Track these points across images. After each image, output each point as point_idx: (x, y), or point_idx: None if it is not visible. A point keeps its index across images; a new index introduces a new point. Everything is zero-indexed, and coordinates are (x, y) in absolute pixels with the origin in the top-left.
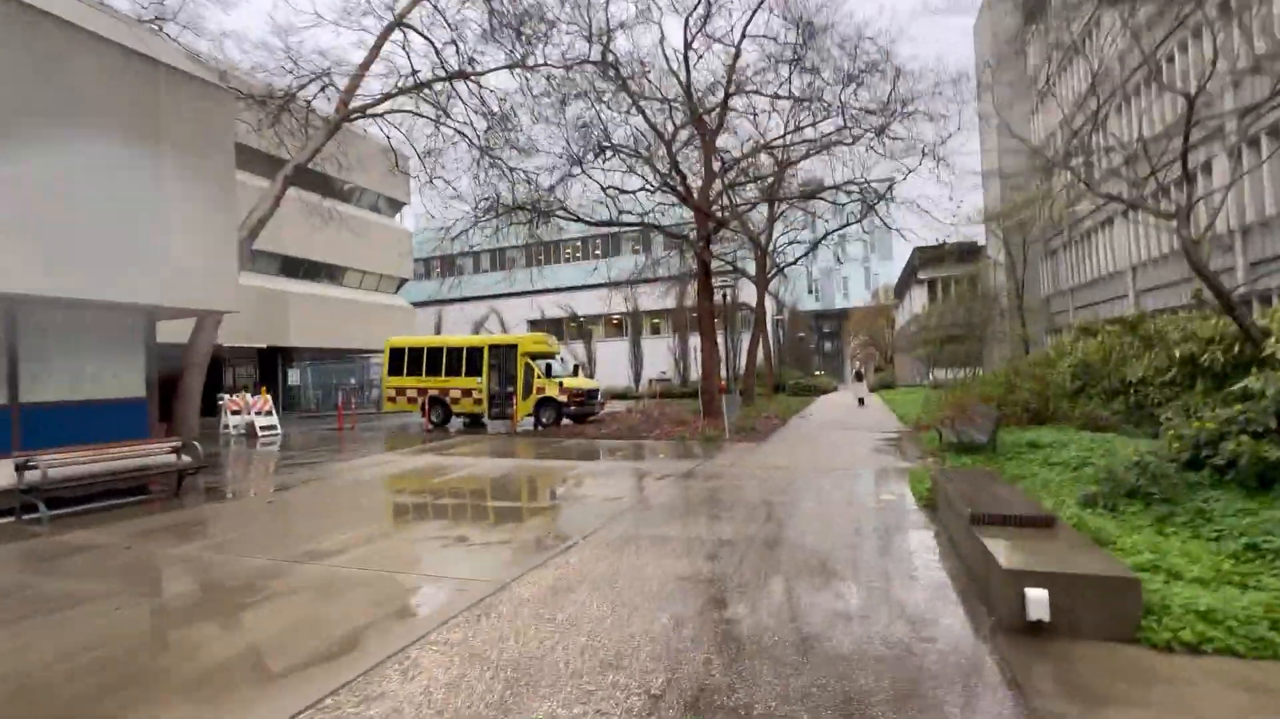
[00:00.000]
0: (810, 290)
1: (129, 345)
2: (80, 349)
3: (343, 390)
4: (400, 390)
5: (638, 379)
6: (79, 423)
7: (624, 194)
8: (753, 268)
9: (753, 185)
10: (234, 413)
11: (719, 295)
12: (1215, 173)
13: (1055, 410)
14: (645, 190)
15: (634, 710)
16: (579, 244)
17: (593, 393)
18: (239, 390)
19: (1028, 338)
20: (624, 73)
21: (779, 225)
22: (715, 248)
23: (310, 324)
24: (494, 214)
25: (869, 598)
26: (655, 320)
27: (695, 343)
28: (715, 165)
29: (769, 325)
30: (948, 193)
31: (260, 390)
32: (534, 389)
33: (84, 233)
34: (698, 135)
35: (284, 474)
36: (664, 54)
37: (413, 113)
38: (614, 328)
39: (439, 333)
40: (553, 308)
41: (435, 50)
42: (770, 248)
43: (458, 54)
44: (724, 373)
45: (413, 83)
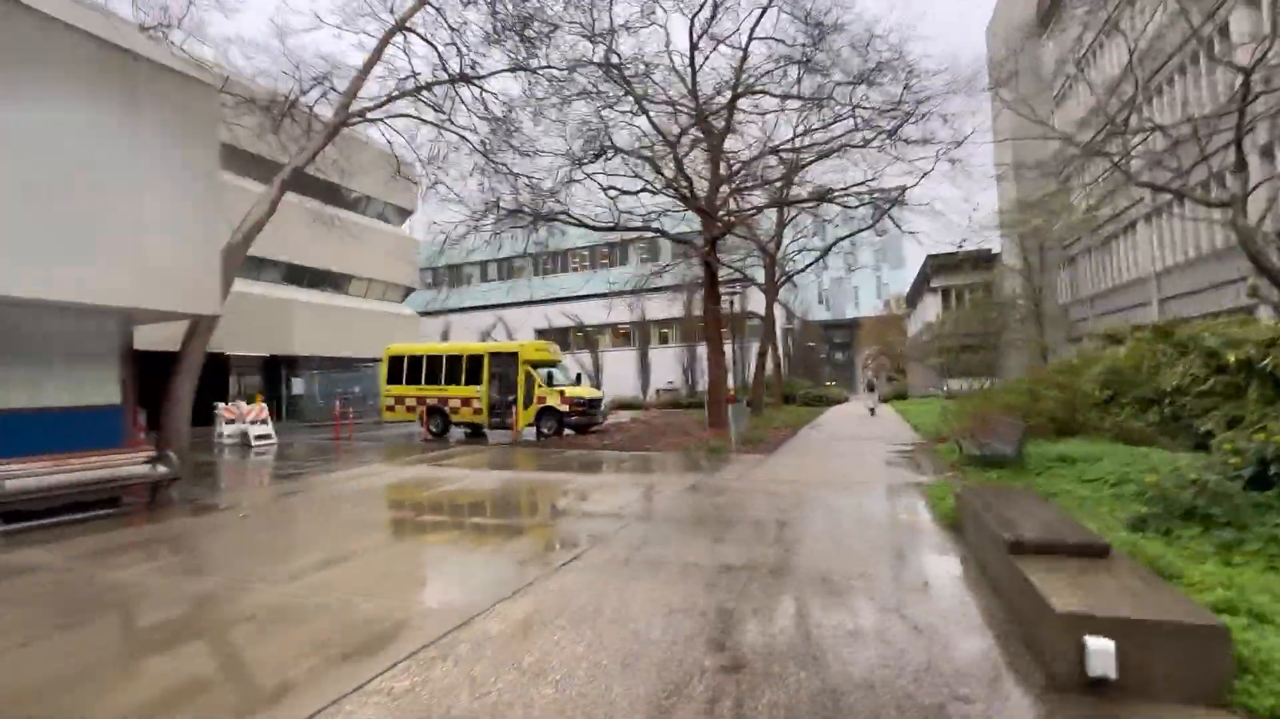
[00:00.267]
0: (821, 300)
1: (103, 350)
2: (49, 353)
3: (340, 399)
4: (399, 399)
5: (645, 389)
6: (47, 431)
7: (625, 195)
8: (761, 276)
9: (761, 190)
10: (229, 421)
11: (726, 303)
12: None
13: (1083, 422)
14: (648, 191)
15: None
16: (586, 253)
17: (596, 402)
18: (242, 399)
19: (1046, 347)
20: (628, 73)
21: (788, 232)
22: (724, 255)
23: (315, 333)
24: (494, 218)
25: (891, 642)
26: (663, 330)
27: (703, 352)
28: (722, 169)
29: (778, 334)
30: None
31: (255, 398)
32: (535, 398)
33: (54, 231)
34: (704, 138)
35: (268, 486)
36: (669, 56)
37: (413, 117)
38: (621, 337)
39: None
40: (560, 317)
41: (437, 53)
42: (780, 255)
43: (459, 57)
44: (732, 383)
45: (413, 85)
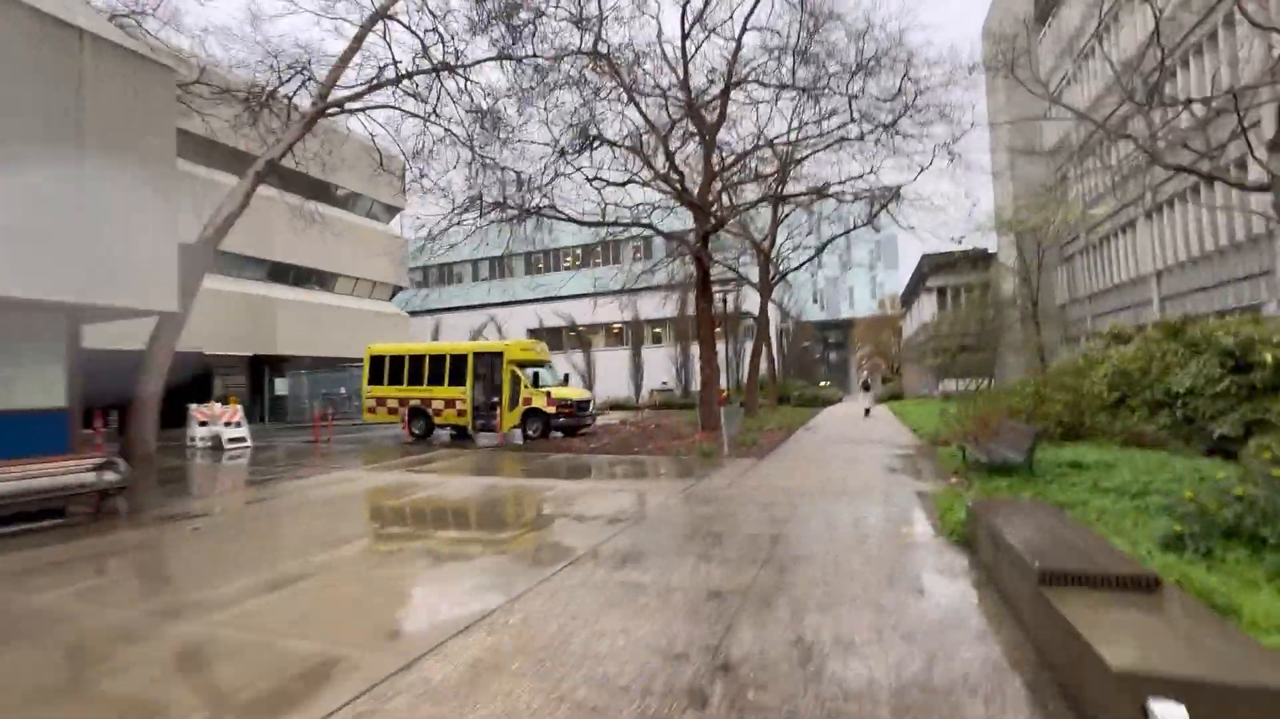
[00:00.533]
0: (815, 300)
1: (47, 349)
2: None
3: (320, 400)
4: (380, 401)
5: (638, 390)
6: None
7: (612, 185)
8: (755, 274)
9: (755, 184)
10: (202, 423)
11: (719, 301)
12: None
13: (1091, 425)
14: (635, 182)
15: None
16: (578, 252)
17: (584, 404)
18: (220, 400)
19: (1043, 347)
20: (617, 61)
21: (783, 230)
22: (717, 253)
23: (299, 332)
24: (478, 212)
25: (902, 693)
26: (656, 329)
27: (697, 352)
28: (715, 162)
29: (773, 334)
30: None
31: (229, 400)
32: (521, 400)
33: None
34: (696, 130)
35: (231, 494)
36: (661, 47)
37: (394, 108)
38: (614, 337)
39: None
40: (552, 316)
41: (420, 42)
42: (774, 254)
43: (442, 44)
44: (725, 383)
45: (394, 74)
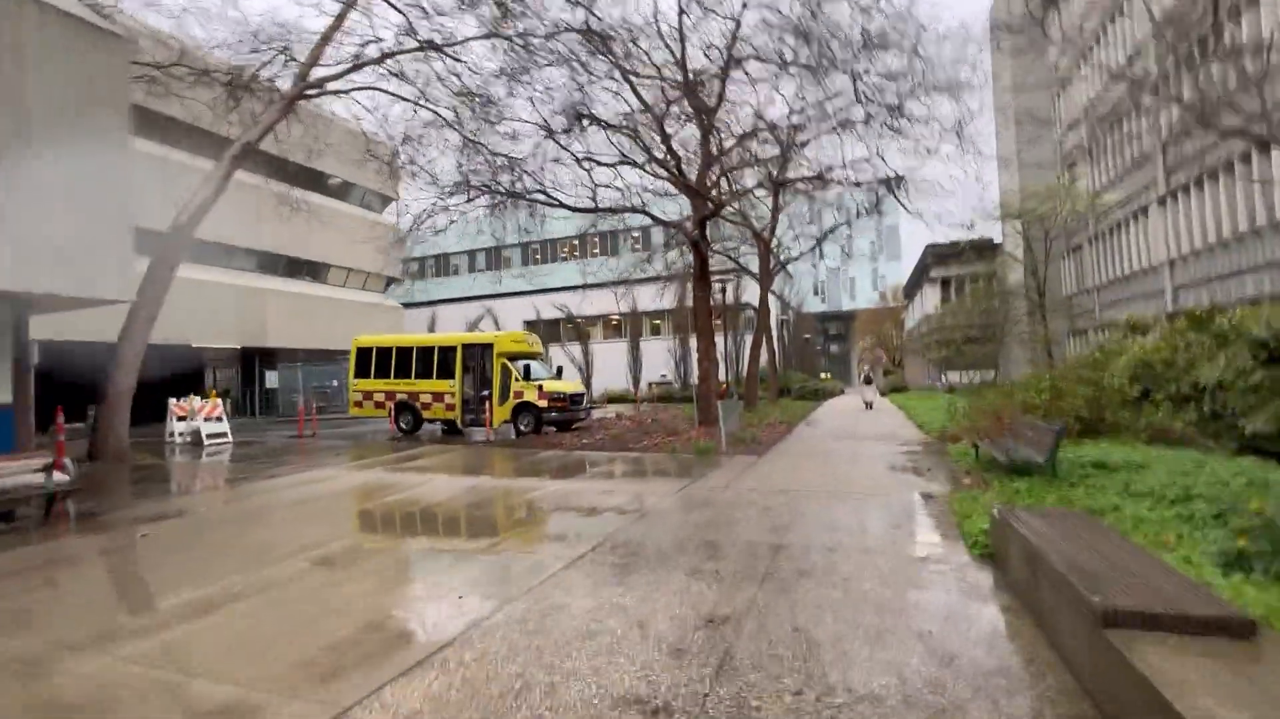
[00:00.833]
0: (816, 292)
1: None
2: None
3: (317, 393)
4: (367, 394)
5: (637, 382)
6: None
7: (602, 166)
8: (755, 265)
9: (755, 169)
10: (180, 419)
11: (718, 291)
12: None
13: (1113, 421)
14: (627, 163)
15: None
16: (576, 243)
17: (577, 397)
18: (211, 393)
19: (1049, 339)
20: (610, 38)
21: (783, 218)
22: (717, 243)
23: (290, 324)
24: (465, 197)
25: None
26: (655, 321)
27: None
28: (713, 147)
29: (773, 326)
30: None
31: (210, 394)
32: (512, 393)
33: None
34: (694, 111)
35: (197, 494)
36: (656, 26)
37: (379, 89)
38: (612, 329)
39: (430, 334)
40: (549, 308)
41: (406, 20)
42: (774, 244)
43: (427, 19)
44: (725, 375)
45: (378, 54)
